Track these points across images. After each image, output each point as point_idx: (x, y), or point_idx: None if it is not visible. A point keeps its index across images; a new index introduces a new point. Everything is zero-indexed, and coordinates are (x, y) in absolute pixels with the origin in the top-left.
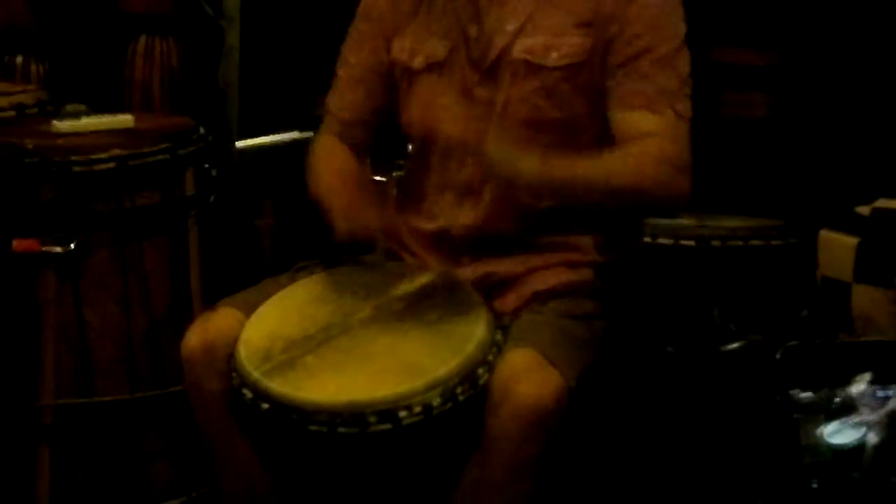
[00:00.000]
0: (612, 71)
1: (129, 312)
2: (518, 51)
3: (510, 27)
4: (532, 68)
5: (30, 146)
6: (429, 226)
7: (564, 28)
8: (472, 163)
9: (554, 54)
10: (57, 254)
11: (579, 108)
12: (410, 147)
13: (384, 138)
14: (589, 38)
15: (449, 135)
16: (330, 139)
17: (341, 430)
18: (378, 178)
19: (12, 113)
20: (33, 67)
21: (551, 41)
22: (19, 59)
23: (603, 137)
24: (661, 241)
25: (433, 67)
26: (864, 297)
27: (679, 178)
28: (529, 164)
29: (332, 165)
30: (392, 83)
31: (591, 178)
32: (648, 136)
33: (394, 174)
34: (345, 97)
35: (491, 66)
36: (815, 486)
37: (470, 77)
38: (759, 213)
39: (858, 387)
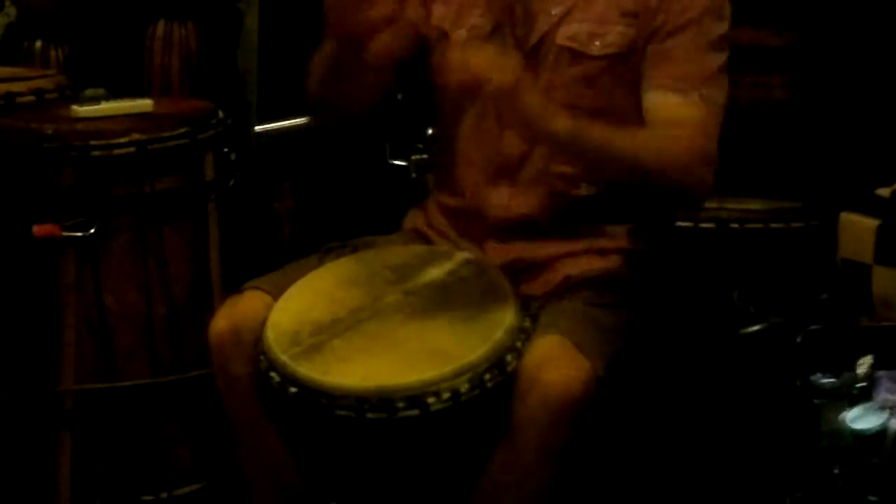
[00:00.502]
0: (650, 54)
1: (149, 297)
2: (561, 37)
3: (555, 11)
4: (575, 56)
5: (49, 131)
6: (452, 201)
7: (609, 17)
8: (509, 139)
9: (598, 43)
10: (77, 239)
11: (620, 98)
12: (440, 116)
13: (402, 123)
14: (633, 28)
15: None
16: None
17: (369, 415)
18: (397, 162)
19: (32, 98)
20: (52, 52)
21: (595, 29)
22: (38, 44)
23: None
24: (681, 223)
25: (477, 40)
26: (885, 280)
27: (703, 169)
28: (563, 121)
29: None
30: (419, 43)
31: (619, 149)
32: (680, 125)
33: (413, 157)
34: None
35: (533, 48)
36: (836, 471)
37: (512, 54)
38: (778, 196)
39: (878, 371)
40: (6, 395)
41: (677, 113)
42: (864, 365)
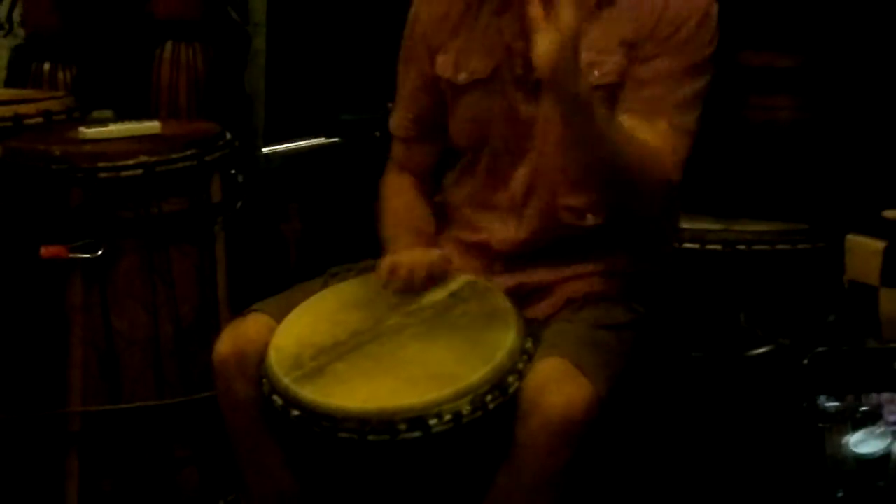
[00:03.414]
0: (626, 78)
1: (156, 318)
2: None
3: None
4: None
5: (57, 153)
6: (472, 237)
7: (608, 46)
8: (517, 177)
9: (596, 73)
10: (84, 260)
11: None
12: (459, 160)
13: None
14: (626, 58)
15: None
16: (395, 177)
17: (371, 437)
18: None
19: (40, 119)
20: (60, 74)
21: (594, 58)
22: (47, 66)
23: None
24: (688, 245)
25: (478, 84)
26: (892, 301)
27: (664, 189)
28: (584, 86)
29: (394, 208)
30: (441, 98)
31: (617, 131)
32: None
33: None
34: (400, 115)
35: (534, 85)
36: (840, 495)
37: (514, 94)
38: (785, 217)
39: (883, 395)
40: (13, 417)
41: (639, 134)
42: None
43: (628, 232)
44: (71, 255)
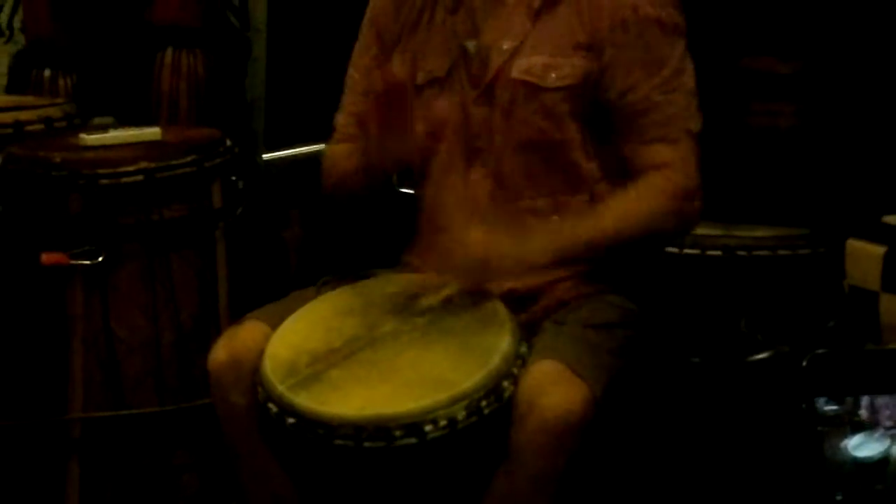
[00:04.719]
0: (617, 104)
1: (157, 325)
2: (517, 71)
3: (507, 45)
4: (531, 89)
5: (58, 159)
6: (449, 243)
7: (562, 49)
8: (474, 182)
9: (553, 75)
10: (85, 267)
11: (573, 131)
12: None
13: None
14: (586, 60)
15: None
16: (338, 146)
17: (367, 444)
18: (405, 190)
19: (40, 126)
20: (61, 81)
21: (550, 61)
22: (47, 73)
23: (595, 157)
24: (688, 251)
25: (433, 83)
26: (893, 307)
27: (689, 206)
28: (540, 250)
29: (347, 168)
30: None
31: (602, 233)
32: (660, 167)
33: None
34: (348, 113)
35: (489, 85)
36: (839, 498)
37: (468, 95)
38: (785, 223)
39: (881, 398)
40: (14, 424)
41: (657, 158)
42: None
43: None
44: (72, 262)
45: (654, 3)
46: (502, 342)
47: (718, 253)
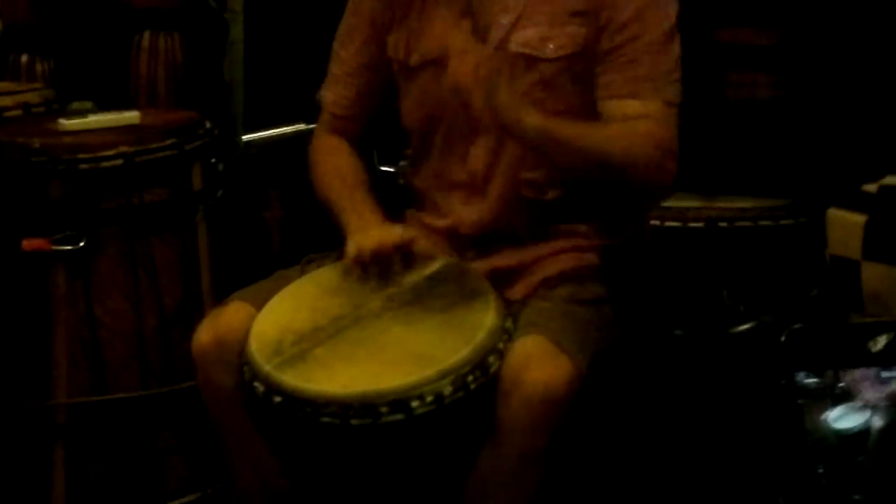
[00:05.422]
0: (601, 58)
1: (139, 309)
2: (515, 44)
3: (505, 20)
4: (530, 61)
5: (37, 145)
6: (439, 222)
7: (559, 18)
8: (474, 155)
9: (551, 45)
10: (66, 252)
11: (576, 98)
12: (410, 140)
13: (390, 129)
14: (583, 27)
15: (458, 76)
16: (328, 138)
17: (354, 421)
18: (385, 168)
19: (19, 112)
20: (38, 66)
21: (547, 32)
22: (24, 58)
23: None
24: (670, 223)
25: (429, 64)
26: (874, 275)
27: (666, 161)
28: (532, 117)
29: (334, 166)
30: (385, 77)
31: (587, 144)
32: (636, 118)
33: (401, 164)
34: (337, 92)
35: (489, 59)
36: (820, 470)
37: (469, 69)
38: (766, 194)
39: (860, 370)
40: None
41: (629, 110)
42: (880, 343)
43: (596, 205)
44: (53, 248)
45: None
46: (487, 318)
47: (700, 225)
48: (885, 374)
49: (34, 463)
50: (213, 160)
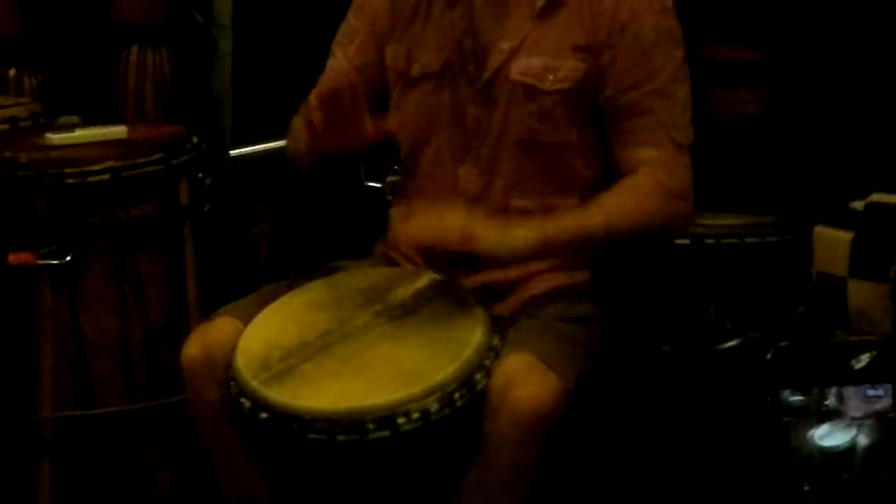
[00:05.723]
0: (610, 106)
1: (126, 323)
2: (515, 72)
3: (506, 45)
4: (529, 91)
5: (24, 159)
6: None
7: (561, 51)
8: (465, 177)
9: (551, 77)
10: (53, 266)
11: (571, 134)
12: (402, 153)
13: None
14: (585, 63)
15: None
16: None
17: (340, 437)
18: (372, 184)
19: (6, 126)
20: (26, 80)
21: (549, 63)
22: (12, 72)
23: (592, 161)
24: None
25: (428, 78)
26: (860, 292)
27: (679, 205)
28: (524, 237)
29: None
30: (373, 89)
31: (591, 229)
32: (645, 165)
33: (388, 179)
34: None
35: (486, 84)
36: (806, 488)
37: (464, 92)
38: (753, 211)
39: (846, 388)
40: None
41: (647, 158)
42: (862, 360)
43: None
44: (39, 262)
45: (654, 9)
46: (474, 335)
47: (687, 241)
48: (870, 392)
49: (20, 477)
50: (201, 175)
